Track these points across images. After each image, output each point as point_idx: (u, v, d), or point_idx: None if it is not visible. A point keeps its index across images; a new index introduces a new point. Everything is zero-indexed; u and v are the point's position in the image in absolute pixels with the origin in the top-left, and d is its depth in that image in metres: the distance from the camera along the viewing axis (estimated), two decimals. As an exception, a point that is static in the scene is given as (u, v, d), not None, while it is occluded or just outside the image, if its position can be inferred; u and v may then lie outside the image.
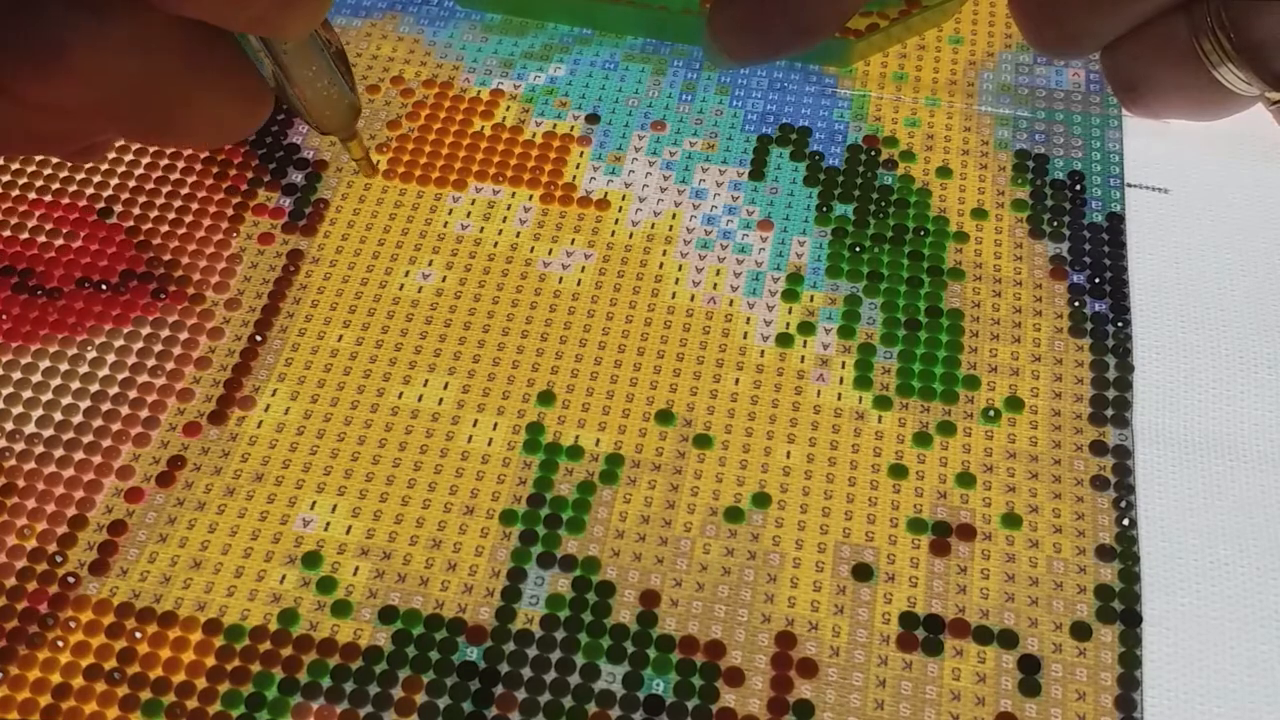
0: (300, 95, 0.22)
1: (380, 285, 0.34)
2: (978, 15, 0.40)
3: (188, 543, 0.29)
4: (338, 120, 0.24)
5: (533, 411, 0.31)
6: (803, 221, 0.35)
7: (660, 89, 0.38)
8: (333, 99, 0.23)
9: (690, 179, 0.36)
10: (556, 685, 0.27)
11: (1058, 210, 0.35)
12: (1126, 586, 0.28)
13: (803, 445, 0.31)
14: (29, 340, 0.32)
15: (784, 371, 0.32)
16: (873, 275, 0.34)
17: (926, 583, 0.28)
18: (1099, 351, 0.32)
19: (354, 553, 0.29)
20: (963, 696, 0.27)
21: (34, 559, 0.29)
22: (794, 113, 0.37)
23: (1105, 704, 0.27)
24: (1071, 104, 0.38)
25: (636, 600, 0.28)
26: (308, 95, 0.23)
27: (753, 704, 0.27)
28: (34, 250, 0.34)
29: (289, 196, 0.36)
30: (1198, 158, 0.36)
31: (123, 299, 0.33)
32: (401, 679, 0.27)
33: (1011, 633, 0.28)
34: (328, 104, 0.23)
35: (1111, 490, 0.30)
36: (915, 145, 0.37)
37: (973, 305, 0.33)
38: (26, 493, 0.30)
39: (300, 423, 0.31)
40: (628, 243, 0.35)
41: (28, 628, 0.28)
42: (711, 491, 0.30)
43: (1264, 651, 0.27)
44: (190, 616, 0.28)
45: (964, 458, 0.30)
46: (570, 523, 0.29)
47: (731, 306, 0.33)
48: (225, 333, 0.33)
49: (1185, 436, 0.31)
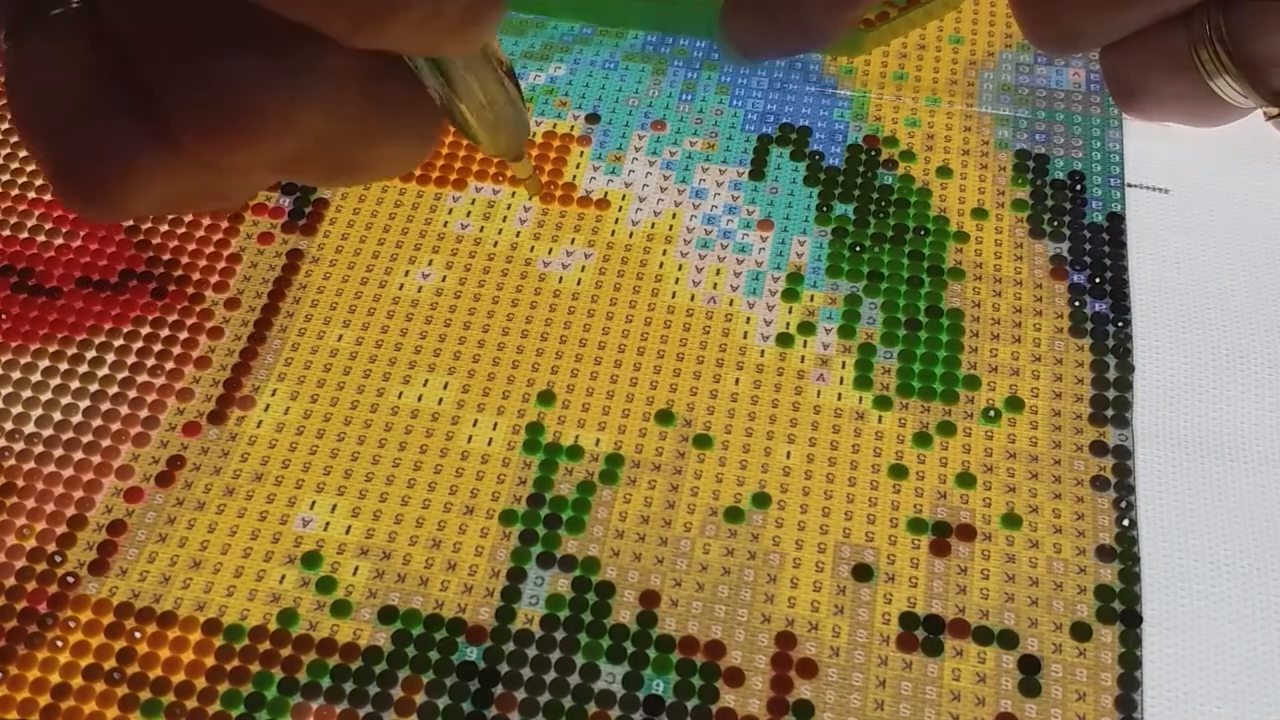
0: (471, 115, 0.21)
1: (380, 285, 0.34)
2: (978, 15, 0.40)
3: (187, 543, 0.29)
4: (509, 141, 0.22)
5: (533, 411, 0.31)
6: (803, 221, 0.35)
7: (660, 88, 0.38)
8: (505, 118, 0.21)
9: (690, 179, 0.36)
10: (556, 685, 0.27)
11: (1058, 210, 0.35)
12: (1126, 587, 0.28)
13: (803, 445, 0.31)
14: (29, 340, 0.32)
15: (784, 371, 0.32)
16: (873, 275, 0.34)
17: (926, 583, 0.28)
18: (1099, 351, 0.32)
19: (354, 553, 0.29)
20: (963, 697, 0.27)
21: (33, 559, 0.29)
22: (794, 112, 0.37)
23: (1105, 704, 0.27)
24: (1072, 104, 0.38)
25: (636, 600, 0.28)
26: (480, 116, 0.21)
27: (753, 704, 0.27)
28: (34, 250, 0.34)
29: (289, 196, 0.36)
30: (1198, 158, 0.36)
31: (123, 299, 0.33)
32: (401, 679, 0.27)
33: (1011, 633, 0.28)
34: (500, 123, 0.21)
35: (1112, 490, 0.30)
36: (915, 145, 0.37)
37: (973, 305, 0.33)
38: (26, 492, 0.30)
39: (300, 422, 0.31)
40: (628, 242, 0.34)
41: (27, 627, 0.28)
42: (711, 491, 0.30)
43: (1264, 651, 0.27)
44: (190, 616, 0.28)
45: (964, 458, 0.30)
46: (570, 523, 0.29)
47: (731, 306, 0.33)
48: (225, 332, 0.33)
49: (1185, 437, 0.31)
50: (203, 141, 0.18)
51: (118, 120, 0.18)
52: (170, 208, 0.20)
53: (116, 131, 0.18)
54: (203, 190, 0.20)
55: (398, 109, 0.20)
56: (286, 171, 0.20)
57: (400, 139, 0.20)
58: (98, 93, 0.18)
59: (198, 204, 0.20)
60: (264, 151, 0.18)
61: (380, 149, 0.20)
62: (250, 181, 0.20)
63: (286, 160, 0.19)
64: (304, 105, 0.18)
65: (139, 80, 0.18)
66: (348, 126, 0.19)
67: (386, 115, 0.20)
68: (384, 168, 0.21)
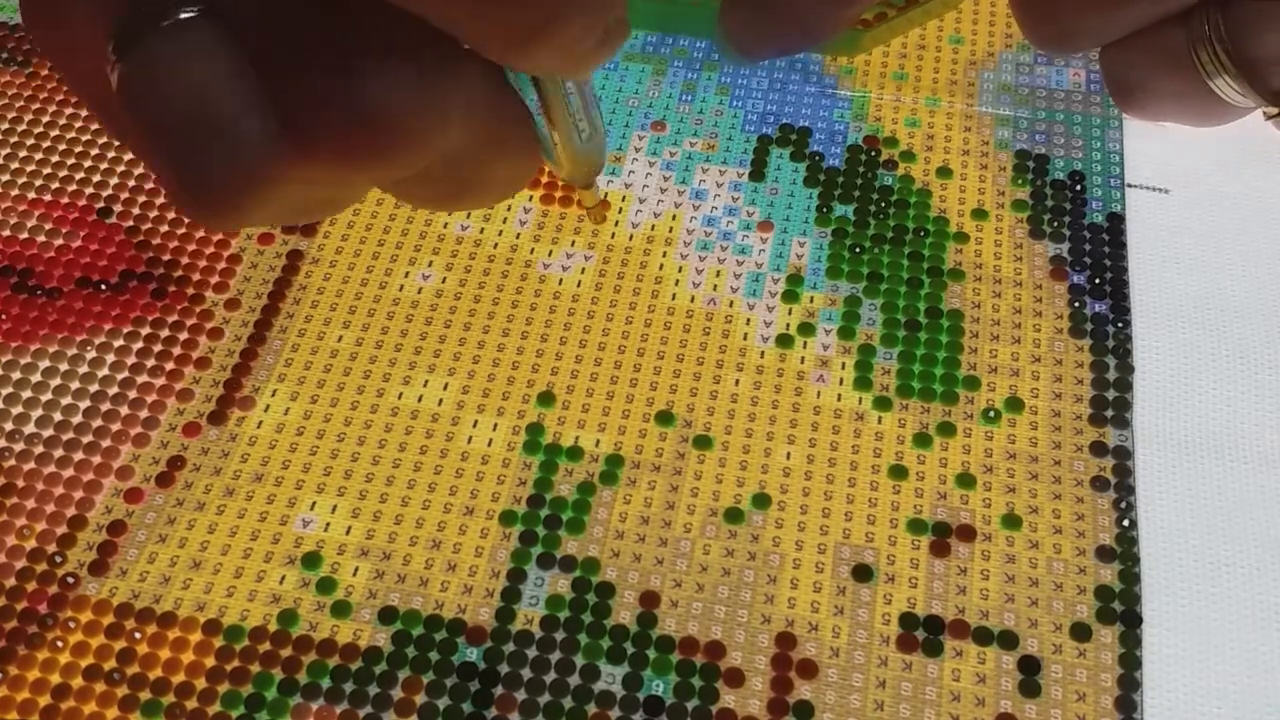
0: (561, 141, 0.21)
1: (380, 285, 0.34)
2: (978, 15, 0.40)
3: (187, 543, 0.29)
4: (589, 168, 0.22)
5: (533, 412, 0.31)
6: (803, 222, 0.35)
7: (660, 89, 0.38)
8: (590, 147, 0.21)
9: (690, 179, 0.36)
10: (556, 686, 0.27)
11: (1058, 210, 0.35)
12: (1126, 587, 0.28)
13: (803, 446, 0.31)
14: (29, 340, 0.32)
15: (784, 372, 0.32)
16: (873, 276, 0.34)
17: (926, 583, 0.28)
18: (1099, 352, 0.32)
19: (354, 553, 0.29)
20: (963, 697, 0.27)
21: (33, 559, 0.29)
22: (794, 113, 0.37)
23: (1105, 705, 0.27)
24: (1072, 104, 0.38)
25: (636, 601, 0.28)
26: (569, 141, 0.21)
27: (753, 705, 0.27)
28: (34, 250, 0.34)
29: (289, 197, 0.36)
30: (1198, 158, 0.36)
31: (122, 299, 0.33)
32: (401, 679, 0.27)
33: (1011, 633, 0.28)
34: (585, 152, 0.21)
35: (1111, 491, 0.30)
36: (915, 145, 0.37)
37: (973, 306, 0.33)
38: (26, 493, 0.30)
39: (300, 423, 0.31)
40: (628, 244, 0.34)
41: (27, 628, 0.28)
42: (711, 492, 0.30)
43: (1264, 651, 0.27)
44: (190, 617, 0.28)
45: (964, 458, 0.30)
46: (570, 523, 0.29)
47: (731, 307, 0.33)
48: (225, 333, 0.33)
49: (1185, 437, 0.31)
50: (342, 156, 0.18)
51: (251, 128, 0.17)
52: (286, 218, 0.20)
53: (250, 140, 0.17)
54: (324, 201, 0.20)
55: (513, 132, 0.20)
56: (404, 190, 0.20)
57: (512, 161, 0.20)
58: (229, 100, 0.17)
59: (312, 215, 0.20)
60: (398, 170, 0.18)
61: (495, 170, 0.20)
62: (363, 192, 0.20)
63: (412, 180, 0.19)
64: (444, 126, 0.18)
65: (271, 89, 0.17)
66: (473, 148, 0.19)
67: (504, 138, 0.19)
68: (494, 190, 0.21)
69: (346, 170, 0.18)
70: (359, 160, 0.18)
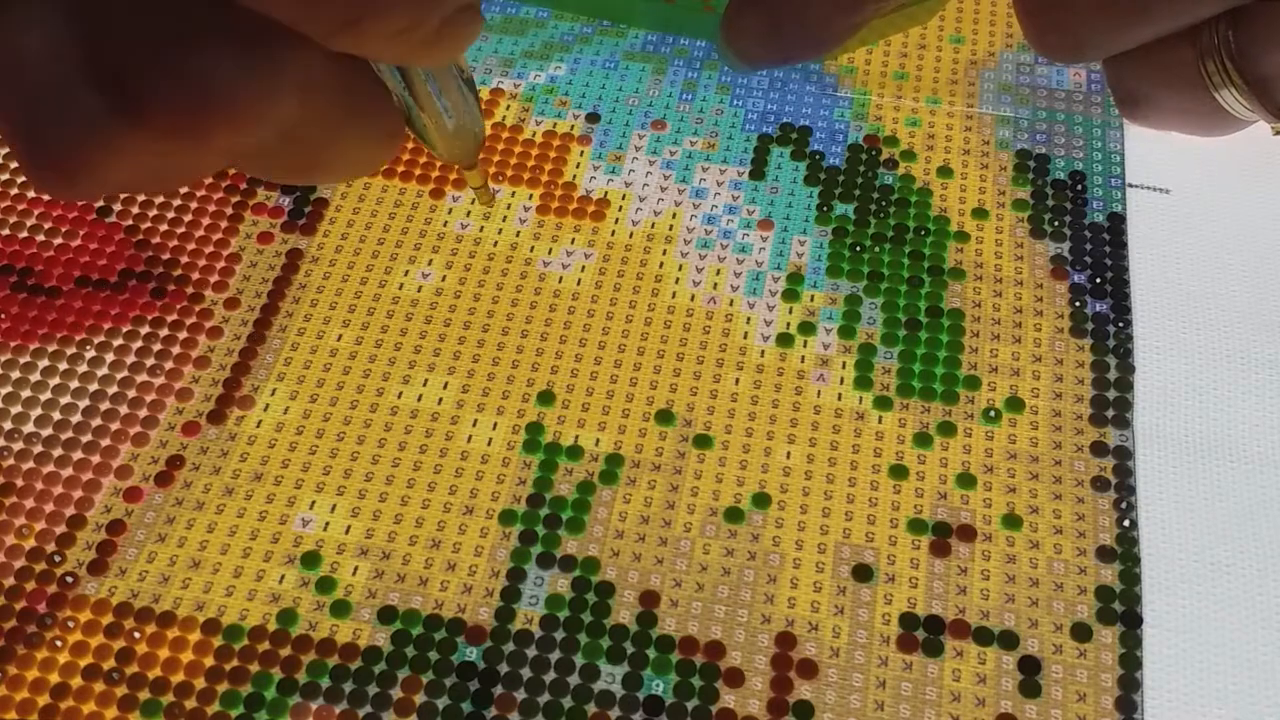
0: (430, 123, 0.21)
1: (380, 285, 0.34)
2: (979, 15, 0.40)
3: (186, 542, 0.29)
4: (464, 149, 0.23)
5: (532, 411, 0.31)
6: (803, 221, 0.35)
7: (660, 88, 0.38)
8: (463, 128, 0.22)
9: (690, 178, 0.36)
10: (556, 686, 0.27)
11: (1059, 210, 0.35)
12: (1127, 587, 0.28)
13: (803, 445, 0.30)
14: (28, 339, 0.32)
15: (784, 371, 0.32)
16: (873, 275, 0.34)
17: (927, 583, 0.28)
18: (1100, 352, 0.32)
19: (353, 553, 0.29)
20: (963, 698, 0.27)
21: (32, 558, 0.29)
22: (794, 112, 0.37)
23: (1106, 705, 0.27)
24: (1073, 104, 0.38)
25: (636, 600, 0.28)
26: (438, 123, 0.21)
27: (752, 705, 0.27)
28: (33, 249, 0.34)
29: (288, 195, 0.36)
30: (1199, 158, 0.36)
31: (122, 298, 0.33)
32: (400, 679, 0.27)
33: (1012, 634, 0.28)
34: (457, 133, 0.22)
35: (1112, 491, 0.30)
36: (916, 145, 0.37)
37: (973, 305, 0.33)
38: (25, 492, 0.30)
39: (299, 422, 0.31)
40: (628, 242, 0.34)
41: (26, 627, 0.28)
42: (711, 492, 0.30)
43: (1264, 652, 0.27)
44: (189, 616, 0.28)
45: (964, 458, 0.30)
46: (570, 523, 0.29)
47: (732, 306, 0.33)
48: (225, 332, 0.33)
49: (1186, 437, 0.31)
50: (173, 127, 0.18)
51: (89, 97, 0.18)
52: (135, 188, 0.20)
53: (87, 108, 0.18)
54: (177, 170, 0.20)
55: (364, 111, 0.20)
56: (251, 163, 0.20)
57: (364, 141, 0.21)
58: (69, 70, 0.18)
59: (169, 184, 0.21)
60: (231, 141, 0.19)
61: (343, 149, 0.20)
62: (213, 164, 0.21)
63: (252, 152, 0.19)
64: (274, 99, 0.18)
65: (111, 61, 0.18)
66: (315, 124, 0.19)
67: (353, 116, 0.20)
68: (345, 169, 0.21)
69: (180, 141, 0.18)
70: (190, 131, 0.18)
